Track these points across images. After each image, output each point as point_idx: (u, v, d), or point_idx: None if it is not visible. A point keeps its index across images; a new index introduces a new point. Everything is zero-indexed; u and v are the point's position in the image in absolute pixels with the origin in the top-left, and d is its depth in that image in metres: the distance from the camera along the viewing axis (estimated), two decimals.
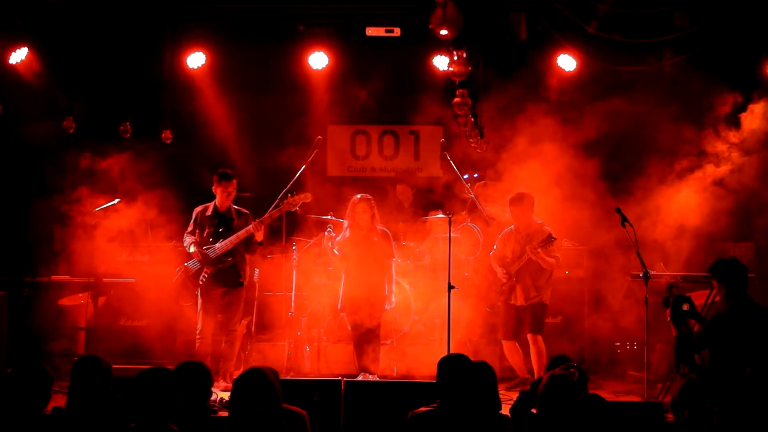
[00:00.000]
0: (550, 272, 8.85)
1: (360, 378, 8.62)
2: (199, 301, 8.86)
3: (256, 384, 5.00)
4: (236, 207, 8.93)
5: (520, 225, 8.89)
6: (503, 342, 9.04)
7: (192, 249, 8.77)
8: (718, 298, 6.99)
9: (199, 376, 5.28)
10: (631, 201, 9.41)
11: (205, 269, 8.77)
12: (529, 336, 8.80)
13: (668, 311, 7.07)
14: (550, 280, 8.88)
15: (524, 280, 8.84)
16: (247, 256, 9.01)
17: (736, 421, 4.75)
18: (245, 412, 4.43)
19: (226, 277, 8.82)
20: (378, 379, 8.67)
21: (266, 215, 8.78)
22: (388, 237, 9.00)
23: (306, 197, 8.90)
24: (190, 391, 5.08)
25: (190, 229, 8.92)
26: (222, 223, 8.83)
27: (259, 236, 8.77)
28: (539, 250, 8.61)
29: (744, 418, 4.76)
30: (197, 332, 8.84)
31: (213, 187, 8.84)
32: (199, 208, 8.96)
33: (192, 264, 8.81)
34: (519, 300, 8.86)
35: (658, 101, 10.24)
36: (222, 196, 8.82)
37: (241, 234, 8.71)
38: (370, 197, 8.97)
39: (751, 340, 6.42)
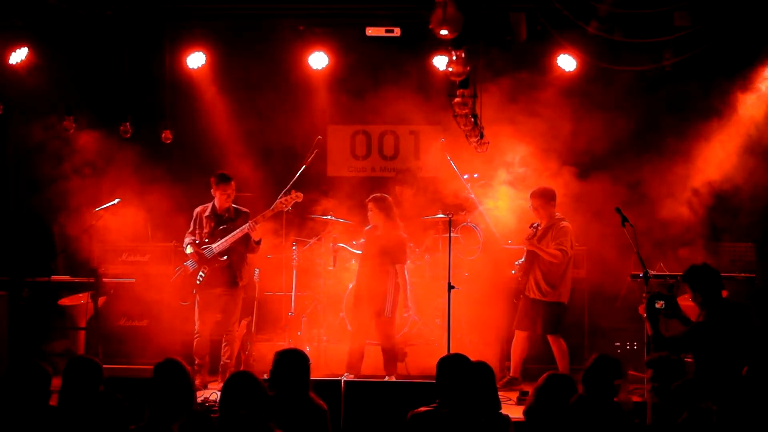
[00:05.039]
0: (563, 269, 8.84)
1: (344, 378, 8.56)
2: (197, 300, 8.89)
3: (244, 386, 5.00)
4: (236, 206, 8.97)
5: (538, 218, 8.93)
6: (516, 332, 9.06)
7: (189, 249, 8.81)
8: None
9: (176, 375, 5.13)
10: (631, 201, 9.42)
11: (202, 269, 8.79)
12: (548, 337, 8.85)
13: (641, 307, 7.10)
14: (564, 277, 8.85)
15: (535, 272, 8.87)
16: (249, 257, 9.03)
17: (733, 421, 4.75)
18: (233, 414, 4.43)
19: (222, 277, 8.85)
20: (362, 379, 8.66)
21: (259, 216, 8.82)
22: (400, 242, 9.00)
23: (297, 197, 8.96)
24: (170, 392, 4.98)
25: (190, 229, 8.99)
26: (220, 223, 8.87)
27: (256, 236, 8.82)
28: (533, 240, 8.71)
29: (740, 418, 4.76)
30: (195, 332, 8.90)
31: (212, 190, 8.88)
32: (199, 209, 9.01)
33: (190, 264, 8.85)
34: (533, 293, 8.88)
35: (659, 101, 10.26)
36: (221, 198, 8.84)
37: (237, 234, 8.76)
38: (381, 197, 9.00)
39: (736, 344, 6.43)
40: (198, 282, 8.82)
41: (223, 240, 8.78)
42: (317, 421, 5.36)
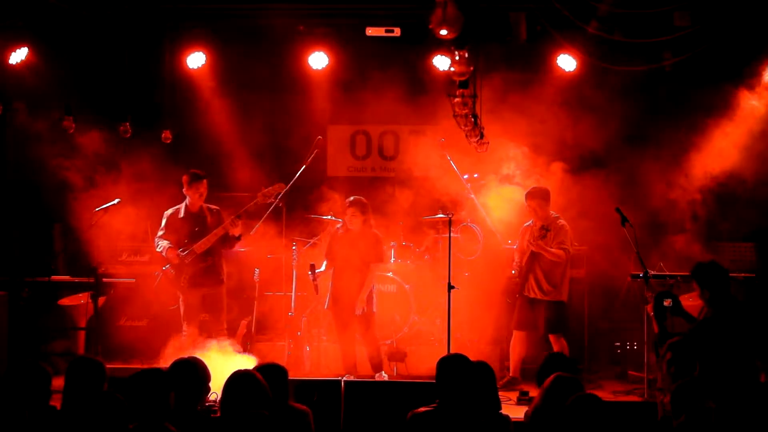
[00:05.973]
0: (564, 267, 8.85)
1: (345, 378, 8.57)
2: (182, 303, 8.88)
3: (245, 386, 5.02)
4: (207, 205, 8.96)
5: (536, 219, 8.93)
6: (514, 332, 9.07)
7: (168, 253, 8.77)
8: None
9: (192, 374, 5.29)
10: (631, 201, 9.43)
11: (184, 271, 8.77)
12: (550, 337, 8.85)
13: (649, 306, 7.11)
14: (565, 275, 8.89)
15: (536, 272, 8.88)
16: (224, 252, 9.01)
17: (736, 422, 4.75)
18: (235, 413, 4.45)
19: (205, 277, 8.84)
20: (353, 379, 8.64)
21: (242, 210, 8.79)
22: (377, 241, 9.01)
23: (280, 187, 8.97)
24: (183, 389, 5.09)
25: (161, 233, 8.91)
26: (196, 224, 8.85)
27: (236, 231, 8.76)
28: (539, 242, 8.70)
29: (741, 418, 4.76)
30: (183, 334, 8.85)
31: (184, 189, 8.86)
32: (169, 211, 8.95)
33: (170, 267, 8.81)
34: (533, 292, 8.89)
35: (659, 101, 10.27)
36: (194, 197, 8.82)
37: (218, 231, 8.74)
38: (361, 200, 8.98)
39: (741, 341, 6.43)
40: (181, 285, 8.81)
41: (203, 240, 8.76)
42: (300, 425, 5.37)
